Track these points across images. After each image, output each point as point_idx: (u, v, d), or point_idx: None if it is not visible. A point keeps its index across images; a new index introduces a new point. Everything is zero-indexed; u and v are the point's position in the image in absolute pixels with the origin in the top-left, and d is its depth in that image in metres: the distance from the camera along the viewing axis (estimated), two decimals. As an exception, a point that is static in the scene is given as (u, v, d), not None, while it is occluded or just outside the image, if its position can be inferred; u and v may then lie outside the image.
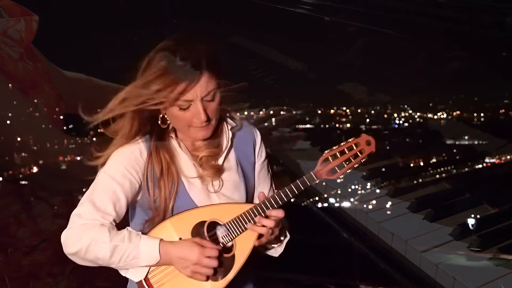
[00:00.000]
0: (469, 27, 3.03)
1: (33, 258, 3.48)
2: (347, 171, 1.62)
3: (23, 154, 4.40)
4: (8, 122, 4.31)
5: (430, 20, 3.20)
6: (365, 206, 3.04)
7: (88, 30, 3.77)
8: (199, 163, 1.65)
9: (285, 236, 1.73)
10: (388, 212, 2.98)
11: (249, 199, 1.72)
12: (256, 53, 4.34)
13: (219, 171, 1.66)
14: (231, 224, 1.59)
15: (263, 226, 1.58)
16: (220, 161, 1.67)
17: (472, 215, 2.86)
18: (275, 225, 1.59)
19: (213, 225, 1.60)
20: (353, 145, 1.61)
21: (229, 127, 1.70)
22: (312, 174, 1.60)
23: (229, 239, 1.59)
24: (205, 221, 1.59)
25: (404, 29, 3.28)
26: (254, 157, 1.75)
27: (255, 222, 1.58)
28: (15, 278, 3.27)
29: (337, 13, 3.56)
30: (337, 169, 1.61)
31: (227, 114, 1.70)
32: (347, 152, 1.60)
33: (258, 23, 3.93)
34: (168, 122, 1.62)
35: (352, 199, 3.09)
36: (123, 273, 1.58)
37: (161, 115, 1.60)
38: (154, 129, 1.62)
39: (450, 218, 2.90)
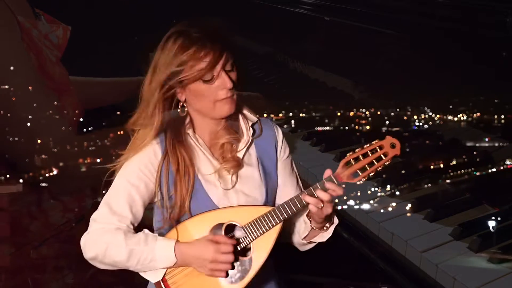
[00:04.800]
0: (469, 27, 3.02)
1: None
2: (370, 175, 1.54)
3: (43, 156, 4.53)
4: (29, 124, 4.46)
5: (432, 20, 3.19)
6: (365, 206, 3.05)
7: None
8: (220, 153, 1.63)
9: (332, 223, 1.66)
10: (388, 212, 2.99)
11: (270, 198, 1.66)
12: (256, 53, 4.39)
13: (238, 164, 1.62)
14: (250, 227, 1.56)
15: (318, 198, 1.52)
16: (240, 154, 1.64)
17: (490, 223, 2.82)
18: (329, 199, 1.52)
19: (232, 227, 1.57)
20: (377, 147, 1.53)
21: (250, 123, 1.67)
22: (332, 177, 1.53)
23: (247, 242, 1.56)
24: (223, 223, 1.57)
25: (404, 30, 3.28)
26: (276, 154, 1.70)
27: (273, 226, 1.55)
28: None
29: (338, 13, 3.58)
30: (359, 172, 1.53)
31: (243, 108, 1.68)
32: (370, 155, 1.52)
33: (258, 23, 3.97)
34: (186, 111, 1.60)
35: (353, 201, 3.11)
36: (142, 274, 1.59)
37: (180, 103, 1.59)
38: (170, 127, 1.61)
39: (450, 218, 2.89)
